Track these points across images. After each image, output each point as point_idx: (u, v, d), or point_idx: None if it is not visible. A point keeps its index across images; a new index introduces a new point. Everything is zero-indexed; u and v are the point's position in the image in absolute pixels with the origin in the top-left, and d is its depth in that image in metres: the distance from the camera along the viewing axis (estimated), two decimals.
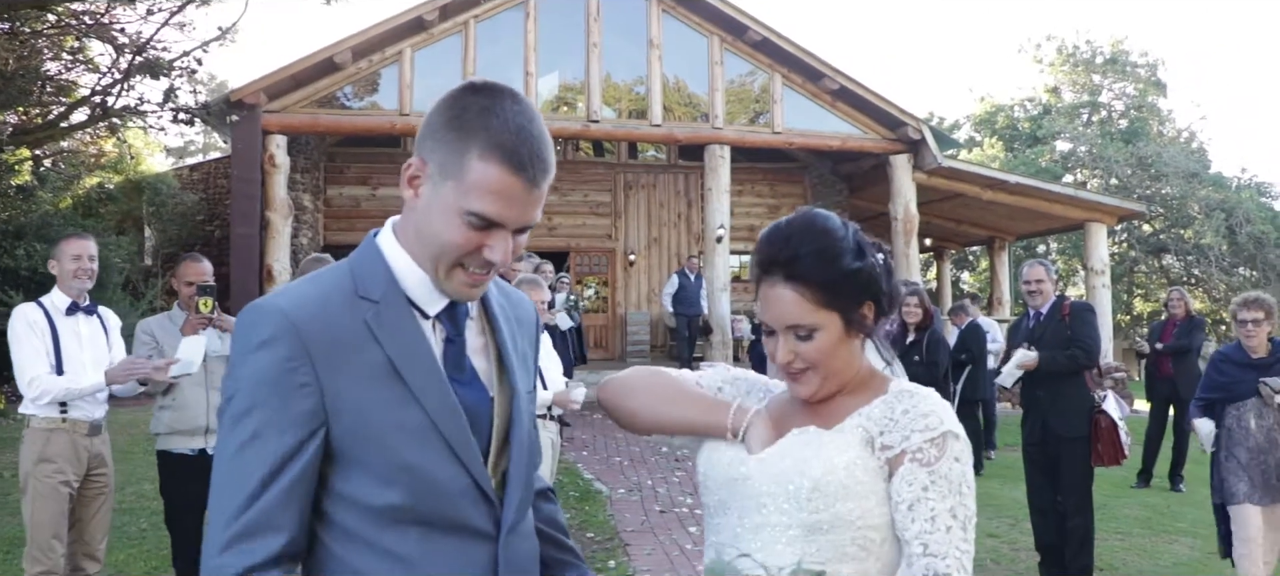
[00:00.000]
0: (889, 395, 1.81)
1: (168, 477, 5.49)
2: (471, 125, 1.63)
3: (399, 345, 1.62)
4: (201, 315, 5.34)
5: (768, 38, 18.07)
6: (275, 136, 16.28)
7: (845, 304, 1.80)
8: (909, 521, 1.69)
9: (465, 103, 1.67)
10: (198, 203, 19.83)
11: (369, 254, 1.71)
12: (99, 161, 18.29)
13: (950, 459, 1.72)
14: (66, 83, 15.16)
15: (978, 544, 7.73)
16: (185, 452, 5.44)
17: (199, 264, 5.70)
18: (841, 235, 1.82)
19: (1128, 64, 39.13)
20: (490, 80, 1.71)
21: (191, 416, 5.38)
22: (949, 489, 1.70)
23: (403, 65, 16.88)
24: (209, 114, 15.93)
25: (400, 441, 1.59)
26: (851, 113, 18.71)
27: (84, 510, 5.14)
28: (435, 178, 1.65)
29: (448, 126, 1.65)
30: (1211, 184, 33.69)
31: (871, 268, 1.82)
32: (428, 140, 1.67)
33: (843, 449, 1.74)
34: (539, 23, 17.51)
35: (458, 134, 1.63)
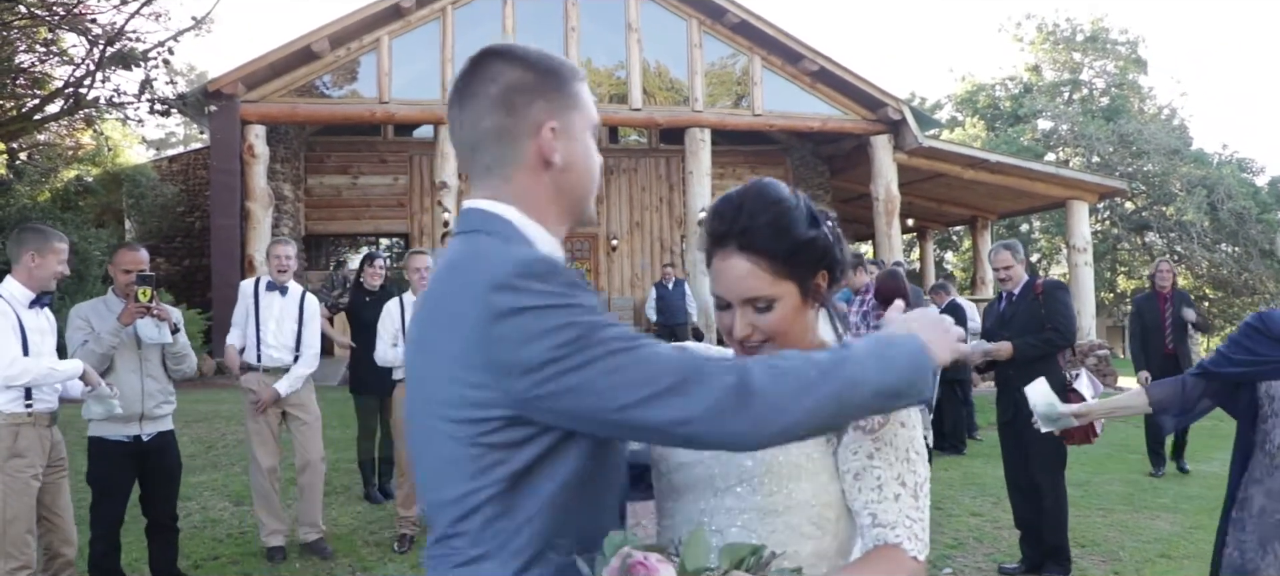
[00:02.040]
0: None
1: (98, 464, 5.55)
2: (552, 66, 1.67)
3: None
4: (139, 304, 5.42)
5: (746, 20, 18.05)
6: (254, 126, 16.21)
7: (802, 273, 1.75)
8: (857, 491, 1.65)
9: (529, 56, 1.66)
10: (177, 194, 19.72)
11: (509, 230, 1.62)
12: (77, 154, 18.15)
13: (896, 424, 1.67)
14: (40, 75, 15.03)
15: (960, 522, 7.79)
16: (120, 439, 5.56)
17: (135, 252, 5.74)
18: (793, 204, 1.79)
19: (1108, 41, 39.24)
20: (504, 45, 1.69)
21: (126, 403, 5.42)
22: (895, 456, 1.66)
23: (381, 53, 16.80)
24: (186, 104, 15.84)
25: None
26: (831, 94, 18.72)
27: (52, 498, 5.17)
28: (568, 125, 1.66)
29: (543, 79, 1.64)
30: (1193, 160, 33.81)
31: (825, 236, 1.79)
32: (537, 103, 1.63)
33: None
34: (517, 8, 17.45)
35: (553, 77, 1.66)
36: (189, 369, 5.90)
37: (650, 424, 1.42)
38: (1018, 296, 6.58)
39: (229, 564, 6.41)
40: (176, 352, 5.78)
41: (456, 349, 1.47)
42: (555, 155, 1.64)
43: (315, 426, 6.81)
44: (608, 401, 1.41)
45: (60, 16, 14.08)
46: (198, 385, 14.78)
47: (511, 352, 1.42)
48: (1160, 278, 10.28)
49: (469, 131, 1.65)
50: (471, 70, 1.66)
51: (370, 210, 20.01)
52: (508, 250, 1.53)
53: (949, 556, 6.78)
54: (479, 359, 1.44)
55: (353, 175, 19.96)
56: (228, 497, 7.98)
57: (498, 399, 1.45)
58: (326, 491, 7.78)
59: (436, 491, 1.55)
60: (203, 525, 7.24)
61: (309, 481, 6.71)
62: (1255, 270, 32.63)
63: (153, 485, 5.79)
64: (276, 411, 6.66)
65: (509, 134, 1.63)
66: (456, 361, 1.47)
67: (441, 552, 1.57)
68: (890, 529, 1.62)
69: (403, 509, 6.83)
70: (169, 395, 5.81)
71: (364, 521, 7.45)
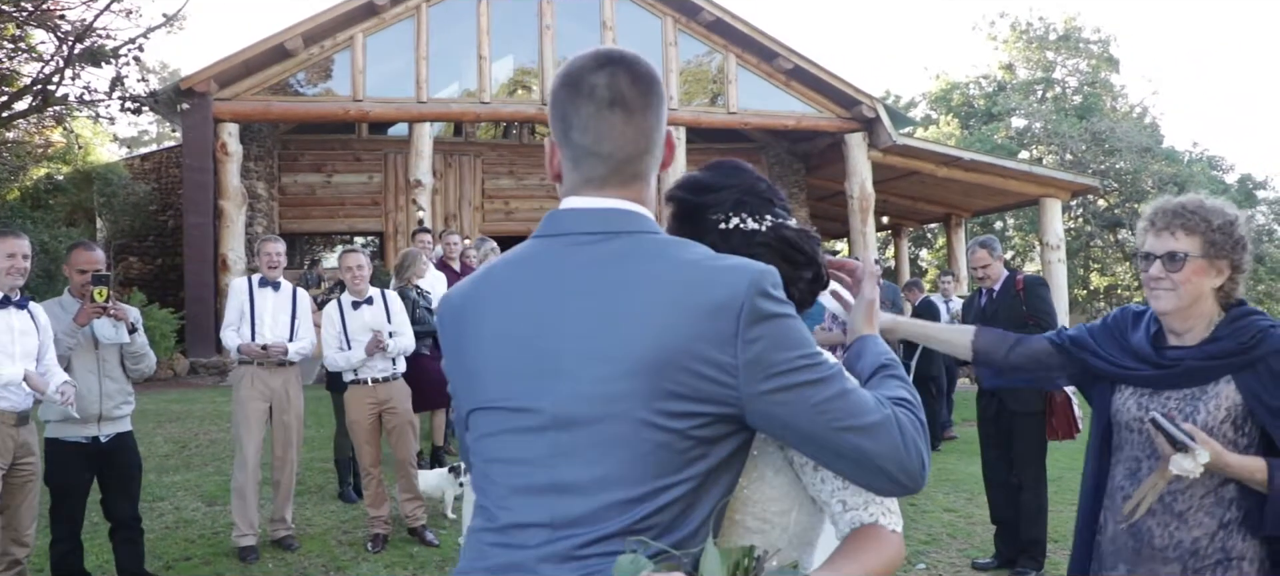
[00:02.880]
0: None
1: (56, 465, 5.51)
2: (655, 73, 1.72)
3: None
4: (96, 304, 5.39)
5: (721, 18, 18.08)
6: (227, 124, 16.10)
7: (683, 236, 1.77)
8: (819, 482, 1.66)
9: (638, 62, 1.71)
10: (150, 192, 19.53)
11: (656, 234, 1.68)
12: (46, 152, 17.95)
13: None
14: (8, 71, 14.86)
15: (934, 518, 7.82)
16: (78, 440, 5.52)
17: (91, 252, 5.71)
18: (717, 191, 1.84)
19: (1080, 40, 39.53)
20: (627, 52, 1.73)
21: (83, 404, 5.38)
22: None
23: (355, 50, 16.73)
24: (158, 102, 15.70)
25: None
26: (806, 92, 18.77)
27: (11, 498, 5.15)
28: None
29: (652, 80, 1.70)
30: (1164, 158, 34.08)
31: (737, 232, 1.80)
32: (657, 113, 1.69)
33: None
34: (492, 6, 17.41)
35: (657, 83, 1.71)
36: (147, 368, 5.86)
37: (857, 449, 1.52)
38: (999, 292, 6.64)
39: (201, 564, 6.36)
40: (134, 352, 5.74)
41: (684, 342, 1.46)
42: (670, 158, 1.75)
43: (297, 424, 6.91)
44: (831, 417, 1.50)
45: (28, 12, 13.93)
46: (172, 384, 14.68)
47: (765, 353, 1.47)
48: None
49: (635, 141, 1.65)
50: (636, 76, 1.66)
51: (344, 208, 19.90)
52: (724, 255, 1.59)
53: (923, 552, 6.81)
54: (726, 355, 1.47)
55: (327, 173, 19.85)
56: (201, 498, 7.93)
57: (726, 395, 1.48)
58: (300, 490, 7.76)
59: (608, 492, 1.48)
60: (175, 525, 7.19)
61: (286, 477, 6.79)
62: None
63: (112, 486, 5.74)
64: (265, 406, 6.72)
65: (652, 138, 1.67)
66: (687, 354, 1.46)
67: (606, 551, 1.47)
68: (863, 509, 1.63)
69: (372, 508, 6.82)
70: (128, 395, 5.77)
71: (337, 521, 7.42)
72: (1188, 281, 2.70)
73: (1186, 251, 2.70)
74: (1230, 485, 2.66)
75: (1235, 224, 2.72)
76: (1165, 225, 2.73)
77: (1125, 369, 2.85)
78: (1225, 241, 2.70)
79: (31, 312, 5.25)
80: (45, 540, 5.71)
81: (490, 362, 1.63)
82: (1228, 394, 2.66)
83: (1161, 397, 2.77)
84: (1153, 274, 2.77)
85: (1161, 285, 2.74)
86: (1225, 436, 2.64)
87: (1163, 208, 2.77)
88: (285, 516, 6.78)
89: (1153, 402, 2.77)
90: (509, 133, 21.62)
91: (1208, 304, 2.74)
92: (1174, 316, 2.76)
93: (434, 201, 17.89)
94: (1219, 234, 2.69)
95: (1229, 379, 2.67)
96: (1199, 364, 2.71)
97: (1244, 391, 2.65)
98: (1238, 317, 2.73)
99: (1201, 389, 2.71)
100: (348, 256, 7.11)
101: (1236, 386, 2.66)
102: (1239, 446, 2.65)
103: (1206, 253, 2.69)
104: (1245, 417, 2.66)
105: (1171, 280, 2.71)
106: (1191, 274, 2.69)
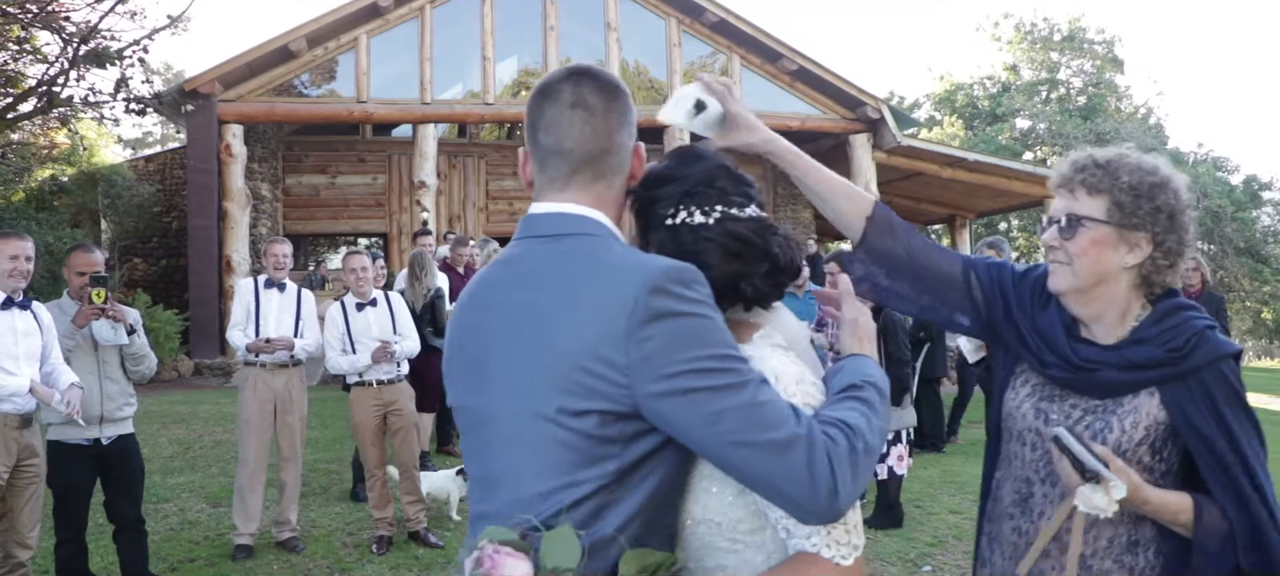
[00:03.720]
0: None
1: (58, 468, 5.50)
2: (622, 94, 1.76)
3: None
4: (94, 305, 5.40)
5: (725, 19, 18.07)
6: (231, 125, 16.11)
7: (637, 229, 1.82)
8: (769, 506, 1.58)
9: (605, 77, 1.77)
10: (154, 194, 19.54)
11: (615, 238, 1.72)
12: (51, 153, 17.97)
13: None
14: (13, 73, 14.89)
15: (940, 520, 7.82)
16: (80, 442, 5.52)
17: (89, 254, 5.72)
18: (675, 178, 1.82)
19: (1085, 41, 39.52)
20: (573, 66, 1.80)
21: (84, 406, 5.38)
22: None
23: (359, 52, 16.74)
24: (163, 104, 15.73)
25: None
26: (810, 93, 18.76)
27: (15, 500, 5.15)
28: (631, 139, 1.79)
29: (625, 98, 1.76)
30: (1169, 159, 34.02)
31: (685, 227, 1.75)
32: (627, 128, 1.76)
33: None
34: (496, 7, 17.41)
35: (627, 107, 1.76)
36: (147, 370, 5.86)
37: (751, 466, 1.45)
38: None
39: (206, 565, 6.36)
40: (134, 353, 5.74)
41: (584, 342, 1.49)
42: (636, 171, 1.79)
43: (301, 425, 6.93)
44: (726, 429, 1.44)
45: (33, 14, 13.96)
46: (176, 385, 14.69)
47: (657, 352, 1.46)
48: (1187, 274, 9.41)
49: (594, 139, 1.70)
50: (600, 85, 1.73)
51: (348, 210, 19.91)
52: (641, 254, 1.61)
53: (929, 554, 6.80)
54: (618, 354, 1.47)
55: (331, 175, 19.86)
56: (205, 499, 7.93)
57: (620, 394, 1.47)
58: (305, 492, 7.76)
59: (522, 486, 1.55)
60: (180, 527, 7.19)
61: (291, 478, 6.82)
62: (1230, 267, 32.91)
63: (115, 488, 5.74)
64: (269, 407, 6.72)
65: (621, 150, 1.73)
66: (584, 353, 1.49)
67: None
68: (805, 538, 1.56)
69: (377, 510, 6.82)
70: (129, 397, 5.77)
71: (342, 523, 7.41)
72: (1084, 254, 2.12)
73: (1086, 214, 2.13)
74: (1146, 526, 2.11)
75: (1162, 188, 2.12)
76: (1065, 182, 2.20)
77: (1031, 350, 2.25)
78: (1139, 208, 2.10)
79: (35, 313, 5.26)
80: (49, 542, 5.72)
81: (454, 363, 1.75)
82: (1149, 410, 2.09)
83: (1066, 404, 2.20)
84: (1045, 240, 2.22)
85: (1056, 256, 2.19)
86: (1141, 462, 2.10)
87: (1071, 160, 2.23)
88: (290, 518, 6.77)
89: (1054, 408, 2.20)
90: (513, 134, 21.63)
91: (1119, 289, 2.14)
92: (1073, 299, 2.19)
93: (438, 203, 17.89)
94: (1129, 196, 2.10)
95: (1153, 391, 2.10)
96: (1118, 375, 2.12)
97: (1171, 408, 2.08)
98: (1167, 314, 2.14)
99: (1116, 401, 2.13)
100: (351, 258, 7.11)
101: (1161, 401, 2.09)
102: (1156, 474, 2.11)
103: (1114, 219, 2.10)
104: (1167, 440, 2.10)
105: (1066, 250, 2.15)
106: (1089, 245, 2.11)
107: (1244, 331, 37.47)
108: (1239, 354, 2.08)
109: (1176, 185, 2.14)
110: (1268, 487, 2.00)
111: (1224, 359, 2.05)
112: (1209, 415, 2.03)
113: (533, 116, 1.73)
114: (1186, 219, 2.13)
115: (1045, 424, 2.19)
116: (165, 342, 14.84)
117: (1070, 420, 2.15)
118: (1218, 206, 32.34)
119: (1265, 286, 34.26)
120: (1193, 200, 2.17)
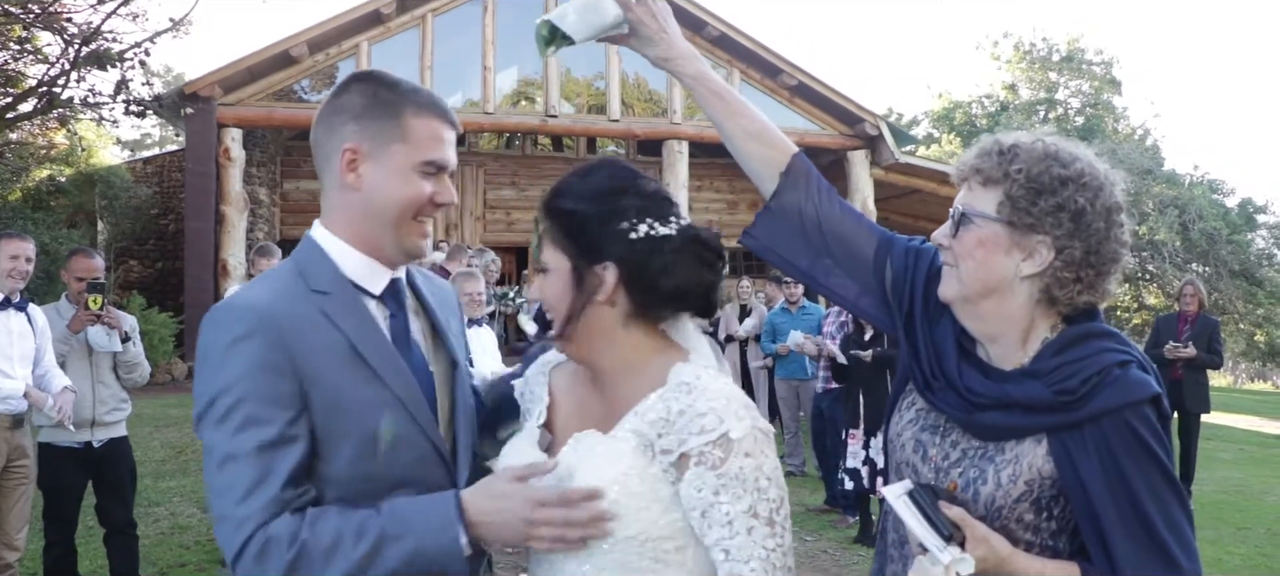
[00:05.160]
0: (667, 388, 1.64)
1: (48, 469, 5.49)
2: (392, 99, 1.76)
3: (355, 328, 1.72)
4: (90, 311, 5.39)
5: (726, 33, 18.12)
6: (231, 129, 16.13)
7: (578, 250, 1.70)
8: (706, 528, 1.57)
9: (371, 87, 1.78)
10: (151, 196, 19.55)
11: (311, 251, 1.81)
12: (49, 153, 17.97)
13: (739, 457, 1.56)
14: (14, 73, 14.90)
15: None
16: (71, 445, 5.50)
17: (90, 258, 5.72)
18: (605, 189, 1.71)
19: (1083, 61, 39.61)
20: (365, 70, 1.87)
21: (77, 410, 5.37)
22: (743, 488, 1.56)
23: (360, 59, 16.77)
24: (162, 106, 15.75)
25: (369, 415, 1.68)
26: (809, 109, 18.81)
27: (3, 501, 5.15)
28: (377, 152, 1.75)
29: (369, 109, 1.75)
30: (1165, 181, 34.13)
31: (627, 232, 1.66)
32: (348, 126, 1.76)
33: (613, 459, 1.61)
34: (497, 17, 17.45)
35: (384, 108, 1.75)
36: (140, 377, 5.85)
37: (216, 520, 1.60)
38: None
39: (196, 570, 6.36)
40: (128, 360, 5.73)
41: None
42: (348, 177, 1.76)
43: None
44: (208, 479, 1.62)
45: (35, 15, 13.98)
46: (170, 389, 14.67)
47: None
48: (1185, 299, 9.62)
49: (316, 131, 1.81)
50: (340, 84, 1.82)
51: None
52: (246, 287, 1.78)
53: None
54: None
55: None
56: (196, 504, 7.92)
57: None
58: None
59: None
60: (171, 531, 7.19)
61: None
62: (1225, 290, 32.94)
63: (106, 491, 5.72)
64: None
65: (323, 151, 1.80)
66: None
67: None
68: (744, 562, 1.55)
69: None
70: (122, 401, 5.76)
71: None
72: (969, 255, 1.75)
73: (975, 210, 1.75)
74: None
75: (1070, 183, 1.71)
76: (965, 171, 1.82)
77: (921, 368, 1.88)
78: (1035, 204, 1.70)
79: (30, 315, 5.27)
80: (37, 544, 5.71)
81: None
82: (1033, 461, 1.71)
83: (948, 440, 1.84)
84: (935, 237, 1.86)
85: (945, 257, 1.82)
86: (1022, 520, 1.73)
87: (978, 145, 1.84)
88: None
89: (934, 444, 1.85)
90: (511, 143, 21.66)
91: (1015, 304, 1.75)
92: (961, 311, 1.81)
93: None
94: (1025, 190, 1.70)
95: (1041, 438, 1.70)
96: (999, 418, 1.74)
97: (1059, 462, 1.68)
98: (1070, 344, 1.73)
99: (998, 445, 1.75)
100: (466, 282, 6.90)
101: (1048, 450, 1.69)
102: (1043, 535, 1.74)
103: (1006, 216, 1.72)
104: (1057, 496, 1.71)
105: (953, 252, 1.79)
106: (975, 246, 1.75)
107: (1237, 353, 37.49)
108: (1157, 398, 1.65)
109: (1093, 183, 1.72)
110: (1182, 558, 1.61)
111: (1133, 405, 1.64)
112: (1101, 471, 1.63)
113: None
114: (1101, 224, 1.71)
115: (922, 460, 1.85)
116: (160, 345, 14.83)
117: (949, 460, 1.81)
118: (1213, 228, 32.38)
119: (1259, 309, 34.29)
120: (1120, 203, 1.77)
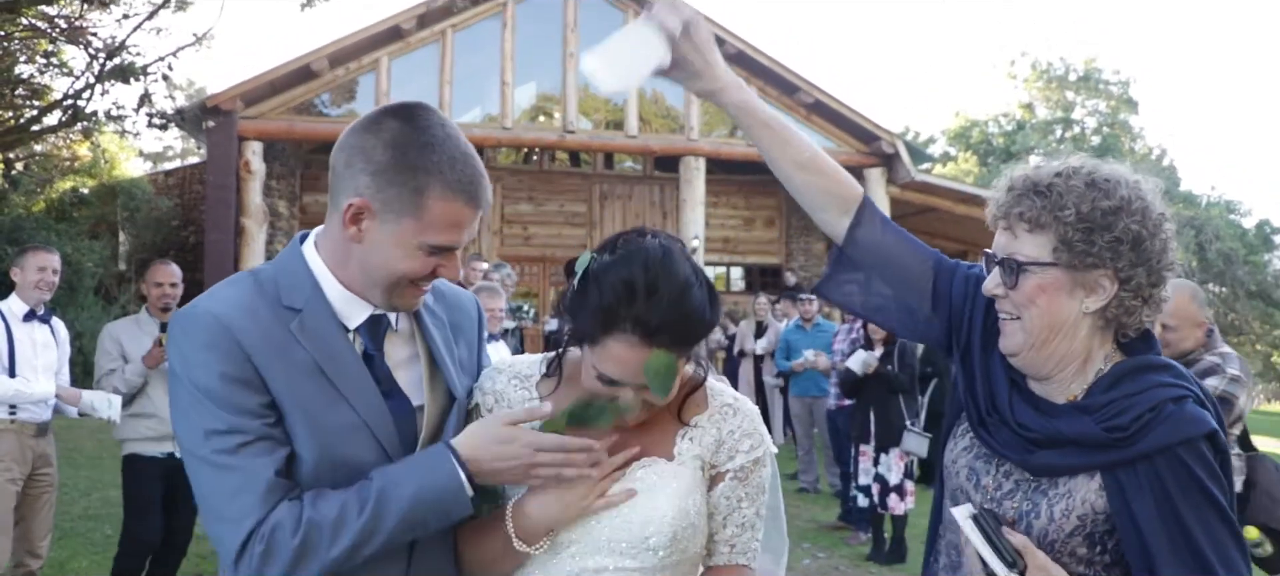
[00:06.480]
0: (714, 412, 1.83)
1: (132, 480, 5.57)
2: (421, 163, 1.65)
3: (322, 349, 1.68)
4: (162, 349, 5.43)
5: (743, 50, 18.15)
6: (251, 142, 16.23)
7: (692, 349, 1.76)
8: (721, 525, 1.81)
9: (403, 138, 1.67)
10: (173, 208, 19.68)
11: (294, 263, 1.76)
12: (73, 165, 18.17)
13: (763, 470, 1.84)
14: (40, 86, 15.09)
15: None
16: (154, 455, 5.57)
17: (167, 266, 5.83)
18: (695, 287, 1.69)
19: (1100, 81, 39.61)
20: (408, 102, 1.74)
21: (160, 422, 5.43)
22: (757, 494, 1.83)
23: (380, 73, 16.87)
24: (184, 119, 15.90)
25: (335, 438, 1.66)
26: (826, 126, 18.83)
27: (28, 508, 5.25)
28: (386, 217, 1.67)
29: (390, 168, 1.65)
30: (1181, 201, 34.08)
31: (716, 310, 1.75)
32: (367, 178, 1.67)
33: (691, 488, 1.75)
34: (516, 33, 17.53)
35: (406, 175, 1.65)
36: None
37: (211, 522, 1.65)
38: None
39: None
40: None
41: None
42: (350, 228, 1.69)
43: None
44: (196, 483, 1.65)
45: (62, 29, 14.16)
46: None
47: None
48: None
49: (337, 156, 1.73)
50: (379, 113, 1.74)
51: None
52: (213, 290, 1.73)
53: None
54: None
55: None
56: None
57: None
58: None
59: None
60: None
61: None
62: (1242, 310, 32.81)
63: (177, 502, 5.74)
64: None
65: (336, 181, 1.72)
66: None
67: None
68: (744, 554, 1.82)
69: None
70: None
71: None
72: (1032, 303, 1.71)
73: (1030, 258, 1.71)
74: None
75: (1120, 212, 1.67)
76: (1002, 214, 1.79)
77: (975, 401, 1.85)
78: (1094, 242, 1.66)
79: (53, 328, 5.36)
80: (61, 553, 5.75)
81: None
82: (1086, 496, 1.68)
83: (1001, 470, 1.81)
84: (988, 288, 1.80)
85: (1002, 308, 1.78)
86: (1075, 554, 1.71)
87: (1007, 183, 1.82)
88: None
89: (988, 472, 1.82)
90: (530, 158, 21.75)
91: (1078, 340, 1.72)
92: (1027, 360, 1.77)
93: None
94: (1079, 230, 1.66)
95: (1094, 474, 1.68)
96: (1053, 458, 1.71)
97: (1112, 498, 1.65)
98: (1124, 377, 1.70)
99: (1051, 479, 1.73)
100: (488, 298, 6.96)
101: (1101, 485, 1.67)
102: (1095, 569, 1.72)
103: (1063, 260, 1.69)
104: (1111, 531, 1.68)
105: (1011, 302, 1.74)
106: (1037, 292, 1.70)
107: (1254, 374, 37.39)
108: (1213, 433, 1.60)
109: (1139, 203, 1.70)
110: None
111: (1188, 442, 1.59)
112: (1155, 508, 1.59)
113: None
114: (1158, 243, 1.70)
115: (975, 488, 1.83)
116: None
117: (1002, 490, 1.78)
118: (1230, 249, 32.27)
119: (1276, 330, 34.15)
120: (1164, 210, 1.74)
